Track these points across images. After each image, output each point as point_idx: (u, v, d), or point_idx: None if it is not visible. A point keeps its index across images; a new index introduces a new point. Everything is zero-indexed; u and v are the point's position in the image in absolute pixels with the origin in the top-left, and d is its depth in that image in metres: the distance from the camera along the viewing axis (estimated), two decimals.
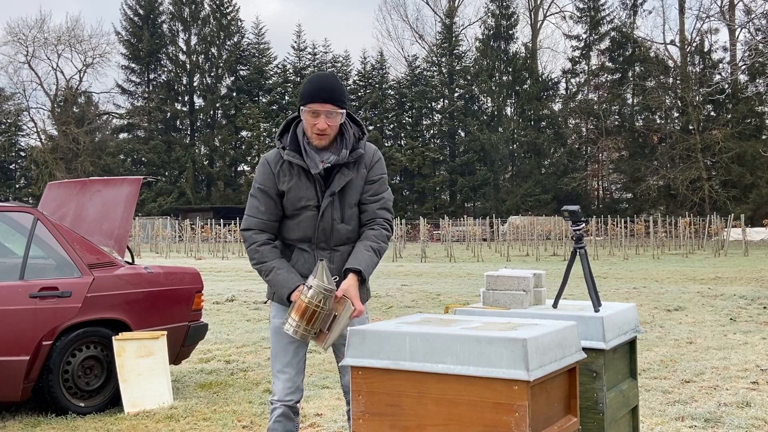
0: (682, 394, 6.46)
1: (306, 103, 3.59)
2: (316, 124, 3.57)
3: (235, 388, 6.99)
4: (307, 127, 3.62)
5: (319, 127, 3.57)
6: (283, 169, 3.65)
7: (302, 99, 3.62)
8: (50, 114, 72.56)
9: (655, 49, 67.91)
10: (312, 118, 3.58)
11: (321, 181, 3.64)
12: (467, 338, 2.71)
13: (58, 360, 5.98)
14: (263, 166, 3.71)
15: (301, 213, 3.64)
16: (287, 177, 3.65)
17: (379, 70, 74.34)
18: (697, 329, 10.26)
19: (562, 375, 2.94)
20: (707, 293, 14.91)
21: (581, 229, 3.66)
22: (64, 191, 7.62)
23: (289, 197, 3.64)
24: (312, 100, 3.57)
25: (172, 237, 45.57)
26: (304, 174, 3.64)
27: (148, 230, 49.41)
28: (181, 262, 30.10)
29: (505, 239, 43.71)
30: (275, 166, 3.67)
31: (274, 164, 3.68)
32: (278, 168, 3.66)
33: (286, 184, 3.64)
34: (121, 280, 6.37)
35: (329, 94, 3.57)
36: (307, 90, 3.61)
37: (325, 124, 3.56)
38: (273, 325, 3.74)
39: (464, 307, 3.70)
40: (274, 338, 3.74)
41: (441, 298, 14.74)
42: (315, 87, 3.60)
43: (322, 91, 3.57)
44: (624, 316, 3.66)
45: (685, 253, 34.41)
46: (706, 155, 61.14)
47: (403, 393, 2.80)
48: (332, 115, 3.57)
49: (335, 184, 3.64)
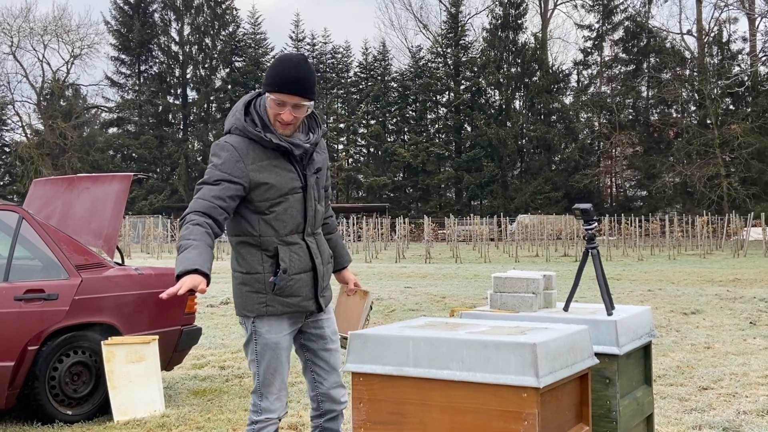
0: (699, 401, 6.46)
1: (272, 91, 3.50)
2: (281, 114, 3.52)
3: (230, 395, 6.99)
4: (270, 113, 3.55)
5: (283, 118, 3.52)
6: (257, 154, 3.53)
7: (268, 84, 3.52)
8: (36, 108, 72.62)
9: (671, 40, 67.92)
10: (277, 107, 3.52)
11: (299, 161, 3.63)
12: (474, 343, 2.71)
13: (44, 366, 5.98)
14: (228, 152, 3.51)
15: (287, 198, 3.58)
16: (263, 162, 3.54)
17: (381, 62, 74.38)
18: (715, 333, 10.25)
19: (573, 382, 2.94)
20: (726, 296, 14.89)
21: (593, 228, 3.66)
22: (50, 188, 7.62)
23: (271, 184, 3.53)
24: (279, 90, 3.49)
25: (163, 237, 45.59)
26: (282, 156, 3.59)
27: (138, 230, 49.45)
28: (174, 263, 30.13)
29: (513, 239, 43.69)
30: (245, 153, 3.52)
31: (243, 150, 3.52)
32: (250, 154, 3.53)
33: (263, 172, 3.52)
34: (111, 282, 6.37)
35: (299, 86, 3.49)
36: (275, 76, 3.51)
37: (291, 116, 3.52)
38: (266, 340, 3.63)
39: (470, 310, 3.70)
40: (271, 355, 3.63)
41: (446, 300, 14.73)
42: (284, 75, 3.50)
43: (291, 81, 3.48)
44: (638, 319, 3.66)
45: (703, 254, 34.38)
46: (724, 151, 61.08)
47: (407, 400, 2.80)
48: (299, 107, 3.52)
49: (317, 161, 3.68)
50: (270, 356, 3.64)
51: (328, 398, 3.79)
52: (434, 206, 67.89)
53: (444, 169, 71.32)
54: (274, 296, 3.59)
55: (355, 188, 72.94)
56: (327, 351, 3.80)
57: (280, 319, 3.64)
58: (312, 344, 3.80)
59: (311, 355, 3.81)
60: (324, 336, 3.80)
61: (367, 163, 72.75)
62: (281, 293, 3.59)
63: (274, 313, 3.60)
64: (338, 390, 3.81)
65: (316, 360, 3.80)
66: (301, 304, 3.64)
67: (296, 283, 3.61)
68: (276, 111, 3.52)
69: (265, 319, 3.62)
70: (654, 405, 3.87)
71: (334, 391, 3.80)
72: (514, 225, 48.55)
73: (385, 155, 70.58)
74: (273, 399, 3.66)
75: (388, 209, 63.79)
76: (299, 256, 3.62)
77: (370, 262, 29.65)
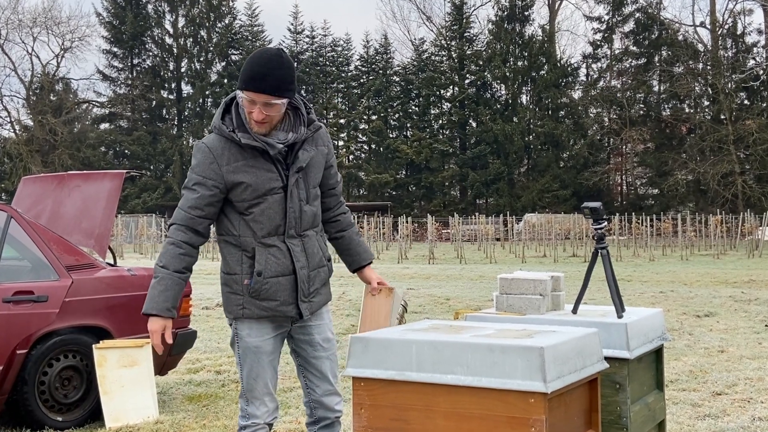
0: (713, 407, 6.46)
1: (242, 89, 3.53)
2: (252, 112, 3.54)
3: (226, 400, 6.99)
4: (245, 112, 3.58)
5: (254, 117, 3.54)
6: (233, 154, 3.57)
7: (240, 82, 3.55)
8: (25, 102, 72.63)
9: (683, 32, 67.85)
10: (248, 105, 3.54)
11: (281, 160, 3.63)
12: (479, 347, 2.71)
13: (33, 370, 5.98)
14: (202, 153, 3.59)
15: (265, 199, 3.59)
16: (239, 162, 3.57)
17: (383, 55, 74.37)
18: (729, 337, 10.25)
19: (582, 387, 2.94)
20: (740, 297, 14.90)
21: (603, 227, 3.66)
22: (40, 186, 7.62)
23: (247, 184, 3.56)
24: (246, 88, 3.51)
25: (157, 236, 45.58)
26: (260, 155, 3.60)
27: (131, 229, 49.49)
28: None
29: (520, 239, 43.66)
30: (220, 153, 3.57)
31: (218, 151, 3.58)
32: (225, 154, 3.57)
33: (238, 172, 3.56)
34: (102, 283, 6.38)
35: (267, 84, 3.48)
36: (244, 73, 3.53)
37: (262, 114, 3.52)
38: (247, 344, 3.67)
39: (476, 312, 3.70)
40: (252, 359, 3.67)
41: (450, 302, 14.74)
42: (253, 73, 3.51)
43: (258, 80, 3.49)
44: (650, 322, 3.65)
45: (717, 254, 34.38)
46: (739, 147, 61.04)
47: (410, 406, 2.80)
48: (270, 106, 3.52)
49: (300, 159, 3.66)
50: (251, 360, 3.67)
51: (320, 405, 3.80)
52: (438, 205, 67.86)
53: (448, 167, 71.27)
54: (250, 299, 3.62)
55: (356, 186, 72.90)
56: (316, 359, 3.80)
57: (261, 323, 3.66)
58: (301, 351, 3.82)
59: (302, 360, 3.83)
60: (312, 343, 3.80)
61: (369, 160, 72.70)
62: (257, 296, 3.61)
63: (250, 316, 3.63)
64: (331, 398, 3.81)
65: (308, 366, 3.81)
66: (279, 309, 3.64)
67: (272, 287, 3.60)
68: (248, 109, 3.54)
69: (245, 322, 3.66)
70: (666, 411, 3.87)
71: (326, 398, 3.80)
72: (520, 224, 48.51)
73: (386, 152, 70.55)
74: (258, 404, 3.69)
75: (390, 208, 63.81)
76: (276, 259, 3.61)
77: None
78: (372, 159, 72.35)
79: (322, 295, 3.80)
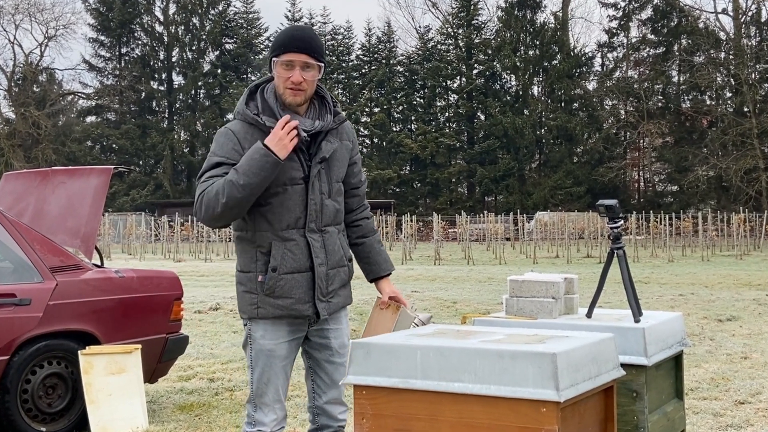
0: (735, 417, 6.45)
1: (278, 54, 3.61)
2: (290, 77, 3.59)
3: (219, 410, 7.00)
4: (279, 83, 3.64)
5: (293, 80, 3.59)
6: (255, 140, 3.59)
7: (274, 50, 3.64)
8: (6, 94, 72.77)
9: (704, 19, 67.85)
10: (285, 70, 3.60)
11: (304, 150, 3.66)
12: (488, 353, 2.71)
13: (15, 378, 5.98)
14: (225, 136, 3.66)
15: (286, 189, 3.62)
16: None
17: (386, 44, 74.43)
18: (753, 342, 10.25)
19: (597, 395, 2.94)
20: (765, 301, 14.89)
21: (619, 226, 3.66)
22: (22, 183, 7.63)
23: None
24: (286, 50, 3.59)
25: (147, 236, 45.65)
26: None
27: (119, 228, 49.51)
28: (158, 264, 30.13)
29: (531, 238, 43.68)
30: (243, 137, 3.63)
31: (241, 135, 3.63)
32: (248, 139, 3.62)
33: None
34: (89, 285, 6.37)
35: (305, 44, 3.60)
36: (280, 40, 3.64)
37: (300, 77, 3.59)
38: (260, 346, 3.69)
39: (484, 316, 3.71)
40: (264, 362, 3.68)
41: (457, 306, 14.75)
42: (289, 36, 3.65)
43: (297, 40, 3.61)
44: (669, 327, 3.65)
45: (740, 255, 34.35)
46: (763, 142, 61.01)
47: (414, 416, 2.80)
48: (309, 67, 3.61)
49: (324, 150, 3.69)
50: (264, 364, 3.68)
51: (324, 413, 3.81)
52: (444, 202, 67.92)
53: (455, 162, 71.34)
54: (264, 297, 3.63)
55: None
56: (330, 363, 3.80)
57: (277, 325, 3.66)
58: (315, 353, 3.83)
59: (313, 363, 3.84)
60: (329, 347, 3.81)
61: (371, 155, 72.72)
62: (271, 294, 3.61)
63: (265, 315, 3.64)
64: (336, 406, 3.83)
65: (318, 370, 3.82)
66: (294, 307, 3.64)
67: (287, 284, 3.61)
68: (285, 75, 3.60)
69: (260, 323, 3.67)
70: (686, 421, 3.87)
71: (331, 406, 3.82)
72: (532, 223, 48.55)
73: (390, 146, 70.61)
74: (267, 411, 3.70)
75: (394, 206, 63.79)
76: (293, 254, 3.63)
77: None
78: (374, 154, 72.37)
79: (341, 297, 3.83)
